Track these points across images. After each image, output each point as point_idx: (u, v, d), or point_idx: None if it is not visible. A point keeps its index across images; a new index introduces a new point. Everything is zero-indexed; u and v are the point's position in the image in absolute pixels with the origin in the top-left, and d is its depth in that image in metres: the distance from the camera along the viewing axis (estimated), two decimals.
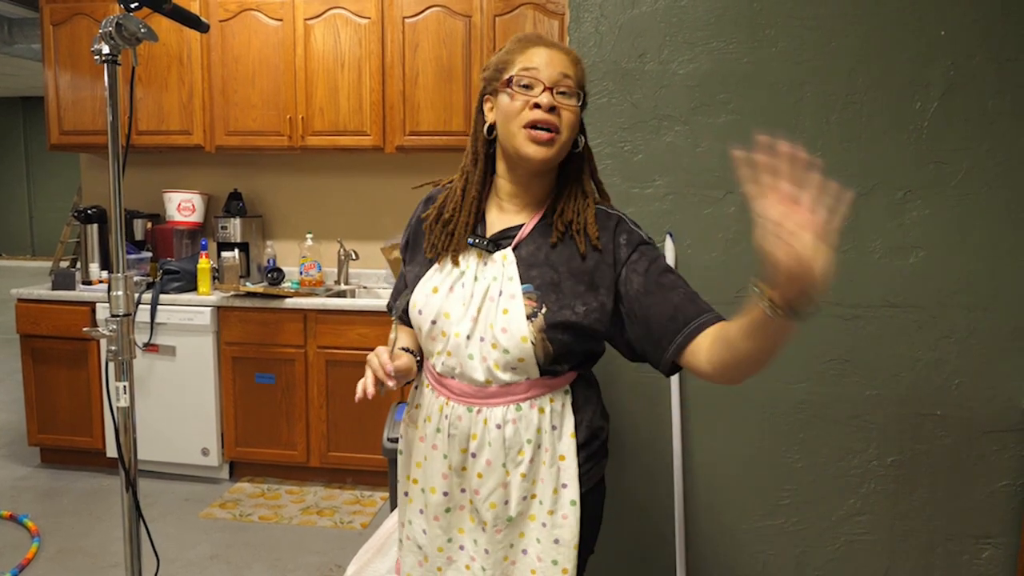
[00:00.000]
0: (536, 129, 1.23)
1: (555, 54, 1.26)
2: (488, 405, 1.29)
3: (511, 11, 3.56)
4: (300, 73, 3.75)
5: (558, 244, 1.29)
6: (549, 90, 1.23)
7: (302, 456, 3.67)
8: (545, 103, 1.22)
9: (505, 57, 1.29)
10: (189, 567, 2.90)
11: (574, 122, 1.27)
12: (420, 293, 1.32)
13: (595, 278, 1.27)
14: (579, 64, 1.29)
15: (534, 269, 1.28)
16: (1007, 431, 1.96)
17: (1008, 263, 1.92)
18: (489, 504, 1.31)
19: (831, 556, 2.05)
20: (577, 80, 1.27)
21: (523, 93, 1.24)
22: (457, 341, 1.27)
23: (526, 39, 1.29)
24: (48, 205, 12.73)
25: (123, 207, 1.48)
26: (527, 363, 1.26)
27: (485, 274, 1.29)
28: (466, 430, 1.30)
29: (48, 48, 3.93)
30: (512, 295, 1.25)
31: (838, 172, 1.94)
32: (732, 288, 2.00)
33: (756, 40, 1.93)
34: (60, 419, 3.82)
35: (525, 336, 1.23)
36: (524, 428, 1.28)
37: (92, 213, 3.89)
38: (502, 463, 1.29)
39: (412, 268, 1.40)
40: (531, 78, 1.24)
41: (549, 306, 1.25)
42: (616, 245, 1.29)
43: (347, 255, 4.00)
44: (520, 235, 1.31)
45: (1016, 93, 1.87)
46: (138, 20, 1.43)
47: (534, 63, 1.24)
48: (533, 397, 1.29)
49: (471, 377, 1.28)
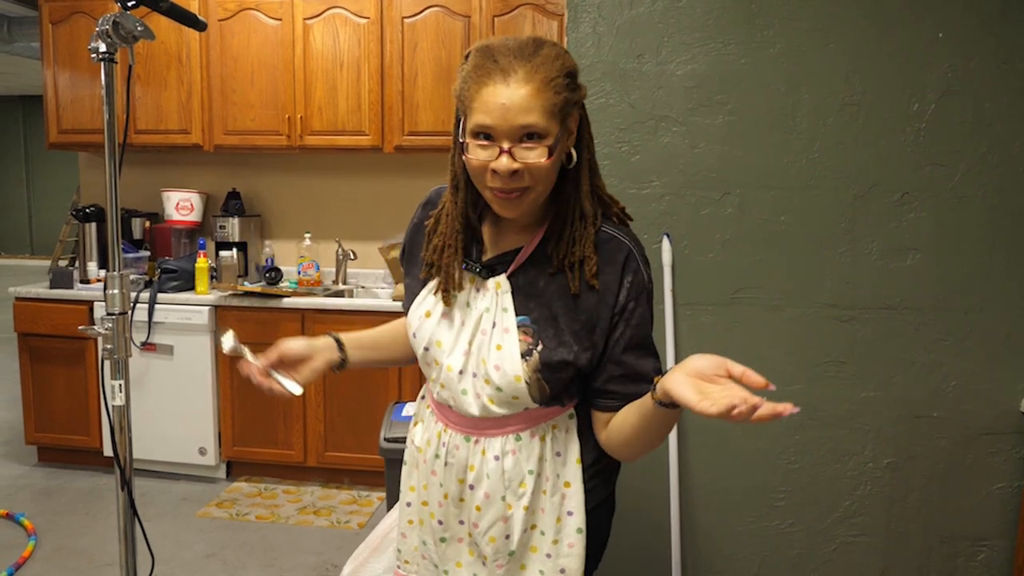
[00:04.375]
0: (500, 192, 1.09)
1: (513, 91, 1.04)
2: (486, 436, 1.21)
3: (510, 11, 3.56)
4: (299, 73, 3.75)
5: (556, 274, 1.16)
6: (507, 152, 1.05)
7: (299, 456, 3.67)
8: (503, 170, 1.05)
9: (464, 88, 1.09)
10: (186, 566, 2.90)
11: (545, 173, 1.09)
12: (414, 315, 1.25)
13: (593, 317, 1.15)
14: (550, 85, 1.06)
15: (531, 300, 1.17)
16: (1003, 433, 1.96)
17: (1005, 266, 1.92)
18: (489, 538, 1.23)
19: (827, 558, 2.05)
20: (548, 111, 1.06)
21: (481, 155, 1.07)
22: (450, 375, 1.20)
23: (482, 68, 1.07)
24: (47, 204, 12.72)
25: (120, 206, 1.48)
26: (521, 400, 1.17)
27: (478, 303, 1.19)
28: (463, 460, 1.22)
29: (47, 47, 3.93)
30: (506, 329, 1.16)
31: (834, 174, 1.94)
32: (729, 289, 2.01)
33: (754, 41, 1.93)
34: (57, 418, 3.81)
35: (519, 376, 1.14)
36: (525, 459, 1.20)
37: (90, 212, 3.89)
38: (501, 496, 1.21)
39: (409, 281, 1.31)
40: (486, 135, 1.07)
41: (546, 343, 1.15)
42: (620, 287, 1.15)
43: (345, 255, 4.00)
44: (517, 261, 1.19)
45: (1013, 96, 1.87)
46: (135, 18, 1.43)
47: (489, 117, 1.05)
48: (534, 426, 1.20)
49: (465, 411, 1.20)
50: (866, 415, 2.00)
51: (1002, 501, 1.98)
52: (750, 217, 1.98)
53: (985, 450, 1.97)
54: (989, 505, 1.98)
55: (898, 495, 2.01)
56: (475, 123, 1.07)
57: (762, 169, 1.96)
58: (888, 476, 2.01)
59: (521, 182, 1.08)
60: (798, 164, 1.95)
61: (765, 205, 1.98)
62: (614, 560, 2.13)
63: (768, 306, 2.00)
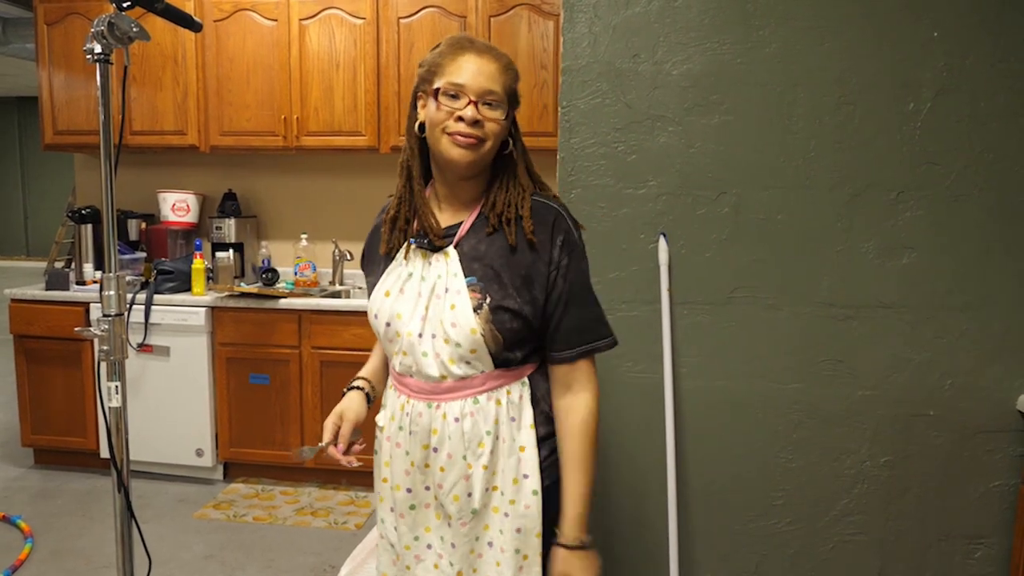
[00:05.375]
0: (459, 135, 1.27)
1: (484, 64, 1.28)
2: (446, 400, 1.32)
3: (506, 12, 3.56)
4: (295, 73, 3.74)
5: (493, 234, 1.32)
6: (474, 103, 1.26)
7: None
8: (469, 117, 1.25)
9: (437, 60, 1.30)
10: (183, 568, 2.89)
11: (499, 131, 1.29)
12: (375, 299, 1.38)
13: (531, 273, 1.31)
14: (509, 71, 1.31)
15: (475, 263, 1.31)
16: (999, 431, 1.96)
17: (1000, 264, 1.92)
18: (452, 497, 1.34)
19: (825, 556, 2.05)
20: (506, 89, 1.29)
21: (448, 104, 1.27)
22: (410, 340, 1.32)
23: (458, 44, 1.30)
24: (43, 205, 12.69)
25: (115, 207, 1.48)
26: (479, 354, 1.29)
27: (430, 273, 1.33)
28: (426, 426, 1.34)
29: (42, 48, 3.92)
30: (458, 290, 1.29)
31: (831, 173, 1.95)
32: (725, 288, 2.01)
33: (750, 41, 1.93)
34: (54, 420, 3.80)
35: (474, 328, 1.27)
36: (483, 420, 1.32)
37: (86, 213, 3.88)
38: (463, 455, 1.32)
39: (370, 279, 1.44)
40: (457, 90, 1.26)
41: (492, 296, 1.29)
42: (552, 244, 1.32)
43: (342, 256, 4.00)
44: (460, 232, 1.34)
45: (1008, 94, 1.88)
46: (130, 19, 1.42)
47: (461, 77, 1.26)
48: (490, 390, 1.32)
49: (426, 373, 1.32)
50: (863, 413, 2.00)
51: (999, 499, 1.98)
52: (746, 216, 1.99)
53: (982, 448, 1.97)
54: (986, 503, 1.99)
55: (895, 493, 2.01)
56: (447, 81, 1.27)
57: (758, 168, 1.97)
58: (885, 474, 2.01)
59: (479, 131, 1.27)
60: (794, 163, 1.95)
61: (761, 204, 1.98)
62: (612, 559, 2.13)
63: (765, 305, 2.00)
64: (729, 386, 2.03)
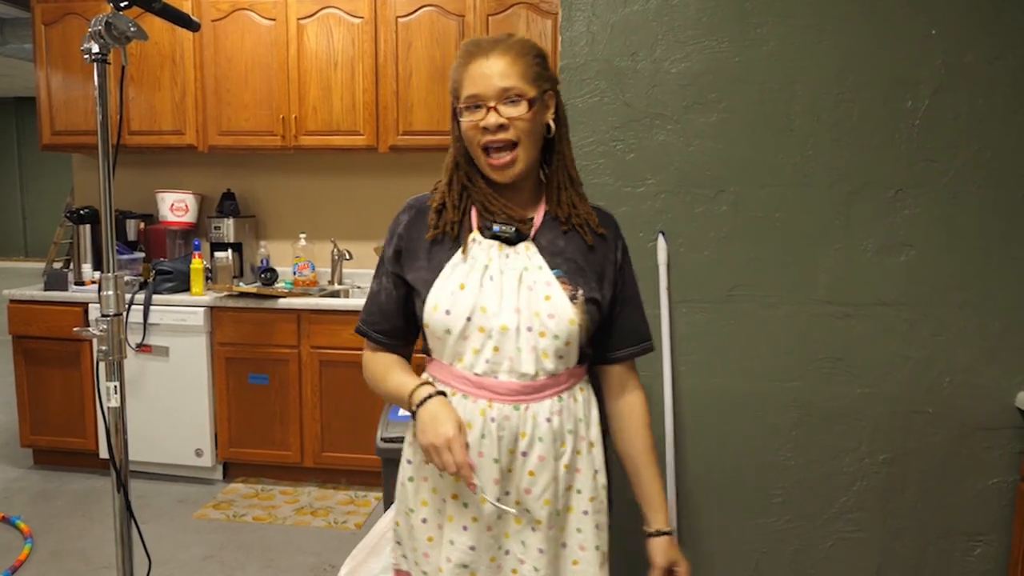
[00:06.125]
0: (491, 154, 1.26)
1: (492, 64, 1.24)
2: (535, 400, 1.27)
3: (504, 11, 3.56)
4: (293, 73, 3.74)
5: (569, 232, 1.33)
6: (493, 108, 1.24)
7: (296, 456, 3.66)
8: (492, 124, 1.24)
9: (455, 77, 1.29)
10: (183, 568, 2.89)
11: (529, 127, 1.26)
12: (443, 292, 1.27)
13: (603, 271, 1.33)
14: (524, 57, 1.26)
15: (557, 257, 1.30)
16: (998, 428, 1.96)
17: (998, 261, 1.92)
18: (543, 501, 1.29)
19: (824, 554, 2.06)
20: (526, 77, 1.25)
21: (471, 118, 1.26)
22: (503, 335, 1.25)
23: (465, 52, 1.28)
24: (41, 206, 12.68)
25: (114, 207, 1.48)
26: (572, 348, 1.28)
27: (511, 266, 1.28)
28: (515, 429, 1.27)
29: (40, 48, 3.92)
30: (548, 282, 1.27)
31: (829, 170, 1.95)
32: (724, 287, 2.01)
33: (747, 39, 1.93)
34: (53, 420, 3.80)
35: (572, 319, 1.25)
36: (567, 419, 1.30)
37: (85, 214, 3.88)
38: (554, 457, 1.28)
39: (417, 274, 1.33)
40: (474, 102, 1.25)
41: (582, 286, 1.29)
42: (617, 246, 1.37)
43: (341, 255, 4.00)
44: (535, 225, 1.32)
45: (1006, 92, 1.88)
46: (128, 19, 1.42)
47: (475, 88, 1.25)
48: (571, 387, 1.32)
49: (520, 371, 1.26)
50: (862, 411, 2.00)
51: (998, 496, 1.99)
52: (745, 214, 1.99)
53: (980, 445, 1.98)
54: (985, 500, 1.99)
55: (894, 491, 2.02)
56: (465, 96, 1.26)
57: (757, 166, 1.97)
58: (884, 472, 2.01)
59: (508, 135, 1.24)
60: (793, 161, 1.96)
61: (760, 202, 1.98)
62: (611, 558, 2.13)
63: (764, 303, 2.00)
64: (728, 384, 2.03)
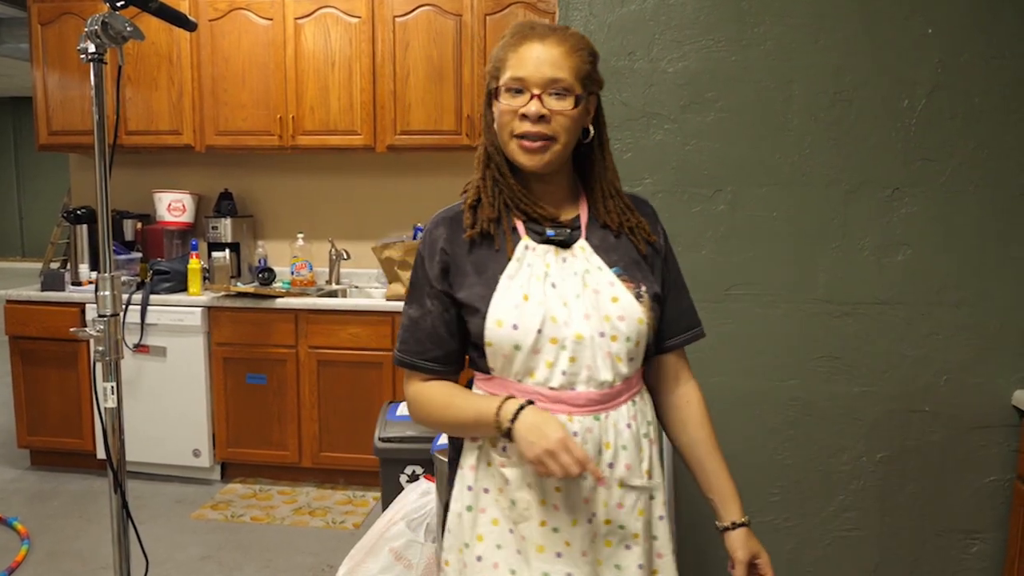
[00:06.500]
0: (526, 139, 1.18)
1: (546, 50, 1.17)
2: (614, 407, 1.20)
3: (501, 10, 3.56)
4: (290, 72, 3.74)
5: (619, 235, 1.27)
6: (537, 97, 1.16)
7: (294, 456, 3.66)
8: (532, 113, 1.16)
9: (500, 55, 1.21)
10: (180, 568, 2.89)
11: (570, 125, 1.19)
12: (505, 306, 1.18)
13: (651, 264, 1.29)
14: (578, 52, 1.20)
15: (612, 254, 1.24)
16: (994, 427, 1.97)
17: (995, 260, 1.93)
18: (638, 512, 1.22)
19: (821, 553, 2.06)
20: (577, 74, 1.18)
21: (510, 102, 1.17)
22: (578, 344, 1.17)
23: (520, 32, 1.20)
24: (38, 206, 12.66)
25: (111, 207, 1.47)
26: (641, 347, 1.23)
27: (570, 269, 1.21)
28: (597, 441, 1.19)
29: (36, 48, 3.91)
30: (611, 282, 1.21)
31: (826, 170, 1.95)
32: (722, 285, 2.01)
33: (744, 38, 1.94)
34: (50, 421, 3.80)
35: (641, 318, 1.20)
36: (641, 422, 1.25)
37: (81, 214, 3.87)
38: (638, 463, 1.22)
39: (471, 291, 1.21)
40: (518, 85, 1.17)
41: (644, 283, 1.24)
42: (658, 234, 1.32)
43: (338, 255, 4.00)
44: (583, 225, 1.26)
45: (1003, 91, 1.88)
46: (124, 19, 1.42)
47: (522, 70, 1.16)
48: (639, 390, 1.27)
49: (599, 380, 1.18)
50: (859, 410, 2.00)
51: (994, 493, 1.99)
52: (742, 214, 1.99)
53: (977, 443, 1.98)
54: (981, 498, 1.99)
55: (891, 489, 2.02)
56: (509, 76, 1.18)
57: (754, 166, 1.97)
58: (881, 470, 2.01)
59: (547, 128, 1.17)
60: (790, 160, 1.96)
61: (757, 201, 1.98)
62: None
63: (761, 302, 2.00)
64: (725, 383, 2.03)
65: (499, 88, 1.19)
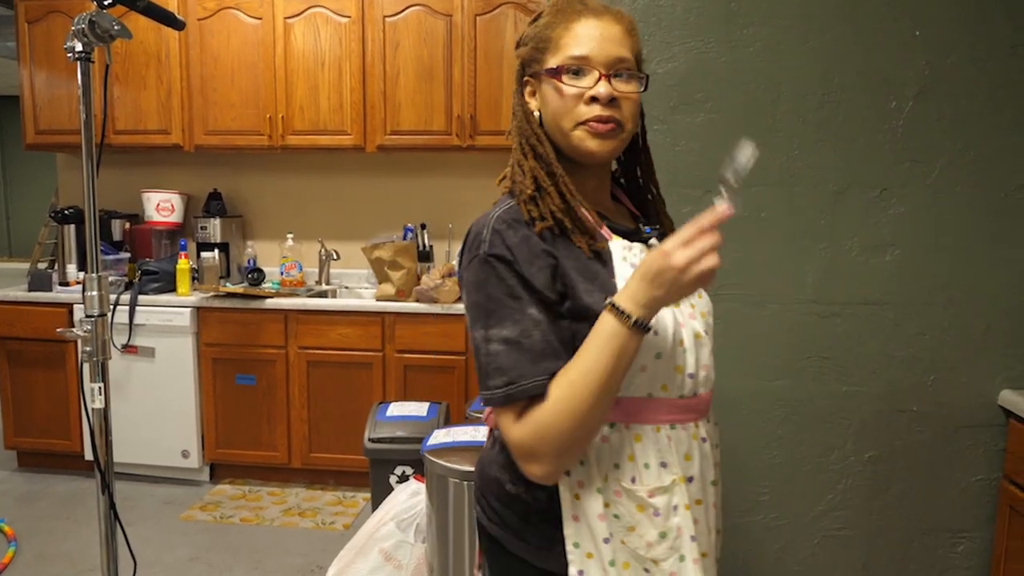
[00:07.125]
0: (595, 122, 1.03)
1: (607, 26, 1.03)
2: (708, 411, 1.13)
3: (492, 10, 3.56)
4: (280, 72, 3.72)
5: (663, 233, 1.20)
6: (606, 77, 1.02)
7: (283, 457, 3.65)
8: (604, 95, 1.01)
9: (544, 33, 1.06)
10: (169, 570, 2.88)
11: (636, 113, 1.07)
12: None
13: None
14: (634, 32, 1.07)
15: None
16: (981, 426, 1.98)
17: (982, 260, 1.94)
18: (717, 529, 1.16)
19: (810, 551, 2.07)
20: (635, 55, 1.07)
21: (574, 83, 1.03)
22: (699, 344, 1.08)
23: (568, 6, 1.06)
24: (25, 206, 12.56)
25: (99, 207, 1.47)
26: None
27: None
28: (713, 443, 1.13)
29: (23, 46, 3.88)
30: None
31: (814, 170, 1.96)
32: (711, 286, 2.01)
33: (734, 40, 1.94)
34: (37, 422, 3.77)
35: (711, 309, 1.16)
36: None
37: (69, 214, 3.84)
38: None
39: (591, 297, 1.03)
40: (581, 64, 1.03)
41: None
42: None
43: (328, 255, 3.99)
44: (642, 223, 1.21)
45: (990, 92, 1.89)
46: (112, 17, 1.41)
47: (583, 47, 1.02)
48: None
49: (713, 379, 1.10)
50: (848, 409, 2.02)
51: (981, 492, 2.01)
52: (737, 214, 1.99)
53: (964, 443, 1.99)
54: (968, 497, 2.01)
55: (879, 488, 2.03)
56: (567, 56, 1.03)
57: None
58: (870, 470, 2.03)
59: (617, 112, 1.04)
60: (778, 161, 1.97)
61: (746, 202, 1.99)
62: None
63: (750, 302, 2.01)
64: (715, 382, 2.04)
65: (557, 69, 1.03)
